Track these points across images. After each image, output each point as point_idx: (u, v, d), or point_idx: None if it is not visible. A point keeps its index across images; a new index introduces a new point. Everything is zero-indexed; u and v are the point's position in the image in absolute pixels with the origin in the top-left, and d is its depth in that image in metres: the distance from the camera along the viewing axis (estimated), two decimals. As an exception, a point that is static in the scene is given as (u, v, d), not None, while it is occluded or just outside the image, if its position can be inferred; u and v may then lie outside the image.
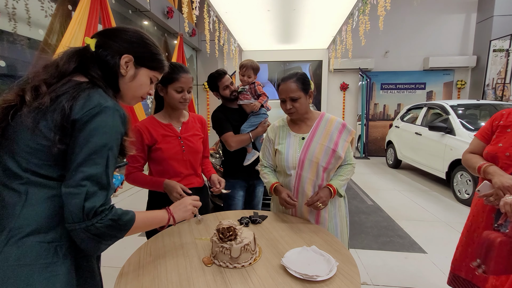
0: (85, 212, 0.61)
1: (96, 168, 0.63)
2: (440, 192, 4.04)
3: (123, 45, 0.77)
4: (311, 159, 1.25)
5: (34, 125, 0.64)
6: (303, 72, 1.31)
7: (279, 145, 1.34)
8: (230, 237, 0.89)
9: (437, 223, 2.98)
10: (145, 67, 0.81)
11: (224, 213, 1.33)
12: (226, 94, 1.77)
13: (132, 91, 0.81)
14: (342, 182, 1.27)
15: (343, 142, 1.29)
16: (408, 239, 2.61)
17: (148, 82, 0.83)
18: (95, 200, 0.62)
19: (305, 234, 1.10)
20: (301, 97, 1.24)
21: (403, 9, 6.68)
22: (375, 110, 7.31)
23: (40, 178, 0.65)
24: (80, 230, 0.61)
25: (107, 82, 0.75)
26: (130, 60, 0.77)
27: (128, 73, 0.78)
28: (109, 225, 0.64)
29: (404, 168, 5.65)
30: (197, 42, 6.92)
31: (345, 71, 7.32)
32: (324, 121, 1.32)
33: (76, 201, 0.61)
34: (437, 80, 7.06)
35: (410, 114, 5.39)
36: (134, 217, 0.71)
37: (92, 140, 0.64)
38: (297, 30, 5.82)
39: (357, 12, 4.32)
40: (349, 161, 1.34)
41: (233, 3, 4.47)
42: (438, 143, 4.07)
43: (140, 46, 0.79)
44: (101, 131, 0.65)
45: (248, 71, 1.80)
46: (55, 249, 0.65)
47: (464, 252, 1.37)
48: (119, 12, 4.13)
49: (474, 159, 1.31)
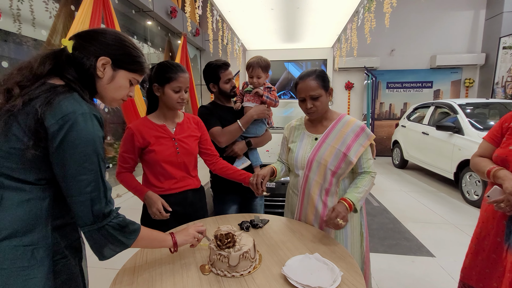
0: (95, 215, 0.67)
1: (92, 175, 0.67)
2: (448, 193, 3.95)
3: (100, 47, 0.75)
4: (320, 161, 1.19)
5: (7, 129, 0.63)
6: (322, 69, 1.23)
7: (292, 143, 1.31)
8: (228, 244, 0.85)
9: (445, 226, 2.90)
10: (124, 69, 0.79)
11: (224, 217, 1.30)
12: (227, 88, 1.57)
13: (110, 93, 0.79)
14: (359, 195, 1.13)
15: (358, 146, 1.18)
16: (415, 242, 2.54)
17: (127, 84, 0.81)
18: (101, 203, 0.68)
19: (308, 240, 1.05)
20: (322, 95, 1.17)
21: (409, 7, 6.56)
22: (381, 109, 7.21)
23: (14, 182, 0.64)
24: (94, 231, 0.68)
25: (84, 85, 0.73)
26: (108, 62, 0.75)
27: (105, 75, 0.76)
28: (119, 229, 0.71)
29: (411, 168, 5.55)
30: (201, 42, 6.90)
31: (350, 70, 7.23)
32: (341, 123, 1.23)
33: (84, 207, 0.66)
34: (445, 78, 6.92)
35: (417, 113, 5.28)
36: (139, 228, 0.77)
37: (78, 150, 0.65)
38: (301, 28, 5.75)
39: (363, 9, 4.24)
40: (367, 169, 1.20)
41: (236, 2, 4.43)
42: (446, 143, 3.98)
43: (118, 48, 0.77)
44: (84, 139, 0.65)
45: (256, 71, 1.54)
46: (32, 252, 0.65)
47: (473, 260, 1.31)
48: (122, 12, 4.12)
49: (483, 162, 1.24)
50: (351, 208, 1.09)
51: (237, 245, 0.85)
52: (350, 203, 1.09)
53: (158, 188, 1.25)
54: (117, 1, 3.87)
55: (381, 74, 7.02)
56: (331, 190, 1.20)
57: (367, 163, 1.21)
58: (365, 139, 1.19)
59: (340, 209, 1.06)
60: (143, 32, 4.89)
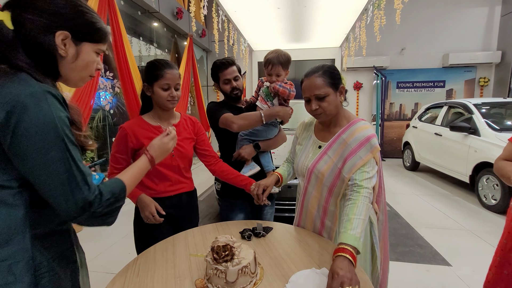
0: (80, 206, 0.59)
1: (62, 164, 0.57)
2: (463, 197, 3.77)
3: (52, 18, 0.61)
4: (317, 175, 1.06)
5: None
6: (331, 64, 1.06)
7: (298, 145, 1.20)
8: (226, 257, 0.77)
9: (462, 232, 2.75)
10: (87, 41, 0.66)
11: (225, 224, 1.22)
12: (226, 89, 1.44)
13: (78, 72, 0.67)
14: (356, 232, 0.85)
15: (356, 159, 0.97)
16: (429, 249, 2.40)
17: (94, 58, 0.70)
18: (83, 192, 0.59)
19: (314, 251, 0.96)
20: (329, 94, 1.00)
21: (419, 3, 6.37)
22: (391, 109, 7.02)
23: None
24: (85, 219, 0.61)
25: (43, 66, 0.61)
26: (67, 36, 0.63)
27: (69, 53, 0.64)
28: (109, 204, 0.64)
29: (423, 170, 5.36)
30: (207, 43, 6.87)
31: (358, 69, 7.07)
32: (348, 131, 1.03)
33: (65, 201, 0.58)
34: (458, 77, 6.68)
35: (429, 113, 5.10)
36: (124, 184, 0.71)
37: (37, 139, 0.55)
38: (309, 28, 5.64)
39: (372, 7, 4.11)
40: (358, 181, 0.95)
41: (242, 2, 4.37)
42: (461, 144, 3.80)
43: (75, 16, 0.63)
44: (41, 125, 0.55)
45: (275, 68, 1.35)
46: (9, 267, 0.57)
47: (498, 275, 1.19)
48: (127, 13, 4.11)
49: (509, 167, 1.13)
50: (354, 258, 0.79)
51: (235, 258, 0.77)
52: (351, 251, 0.79)
53: (152, 191, 1.22)
54: (122, 2, 3.87)
55: (391, 74, 6.84)
56: (329, 209, 1.06)
57: (361, 174, 0.96)
58: (367, 151, 0.98)
59: (343, 271, 0.73)
60: (149, 34, 4.88)
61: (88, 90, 2.71)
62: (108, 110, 3.80)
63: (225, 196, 1.52)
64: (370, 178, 0.97)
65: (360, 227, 0.87)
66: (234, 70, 1.43)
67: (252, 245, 1.01)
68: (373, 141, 0.99)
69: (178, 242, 1.04)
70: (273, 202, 1.57)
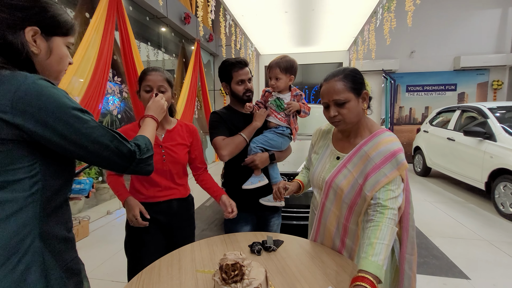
0: (129, 157, 0.69)
1: (98, 129, 0.63)
2: (478, 205, 3.63)
3: (17, 14, 0.58)
4: (336, 190, 0.97)
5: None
6: (354, 68, 0.98)
7: (314, 154, 1.13)
8: (235, 277, 0.71)
9: (479, 242, 2.62)
10: (57, 35, 0.65)
11: (233, 236, 1.17)
12: (239, 91, 1.34)
13: (54, 67, 0.66)
14: (379, 259, 0.77)
15: (380, 176, 0.88)
16: (445, 260, 2.30)
17: (66, 52, 0.69)
18: (126, 146, 0.69)
19: (330, 269, 0.90)
20: (350, 100, 0.92)
21: (429, 6, 6.26)
22: (400, 113, 6.88)
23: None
24: (134, 168, 0.72)
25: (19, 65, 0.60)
26: (37, 32, 0.61)
27: (41, 49, 0.62)
28: (146, 151, 0.75)
29: (434, 176, 5.21)
30: (214, 47, 6.89)
31: (367, 73, 6.97)
32: (371, 143, 0.94)
33: (117, 157, 0.67)
34: (470, 80, 6.52)
35: (440, 117, 4.97)
36: (147, 137, 0.81)
37: (68, 119, 0.59)
38: (316, 31, 5.60)
39: (381, 9, 4.04)
40: (382, 200, 0.86)
41: (250, 6, 4.36)
42: (476, 149, 3.67)
43: (41, 10, 0.61)
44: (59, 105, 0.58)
45: (273, 71, 1.31)
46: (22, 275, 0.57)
47: None
48: (136, 19, 4.15)
49: None
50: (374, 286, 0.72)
51: (245, 278, 0.72)
52: (371, 281, 0.72)
53: (142, 195, 1.23)
54: (131, 8, 3.90)
55: (400, 77, 6.72)
56: (350, 228, 0.97)
57: (386, 193, 0.87)
58: (392, 168, 0.88)
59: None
60: (157, 39, 4.91)
61: (96, 94, 2.72)
62: (116, 115, 3.81)
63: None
64: (395, 198, 0.88)
65: (384, 254, 0.79)
66: (248, 71, 1.36)
67: (262, 261, 0.95)
68: (399, 157, 0.89)
69: (184, 257, 0.99)
70: (279, 214, 1.49)
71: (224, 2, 4.23)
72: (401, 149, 0.92)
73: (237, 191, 1.32)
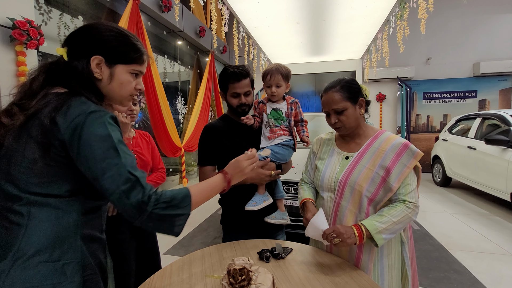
0: (137, 208, 0.63)
1: (117, 168, 0.63)
2: (504, 217, 3.43)
3: (89, 46, 0.69)
4: (353, 186, 1.01)
5: (21, 146, 0.63)
6: (350, 77, 1.08)
7: (319, 160, 1.16)
8: (242, 282, 0.73)
9: (505, 257, 2.47)
10: (120, 63, 0.72)
11: (243, 242, 1.18)
12: (233, 103, 1.25)
13: (116, 92, 0.74)
14: (380, 225, 0.91)
15: (401, 167, 0.97)
16: (467, 275, 2.17)
17: (129, 78, 0.74)
18: (136, 193, 0.63)
19: (338, 278, 0.89)
20: (348, 108, 1.02)
21: (446, 12, 6.16)
22: (417, 121, 6.70)
23: (40, 197, 0.64)
24: (145, 220, 0.64)
25: (88, 89, 0.69)
26: (101, 61, 0.70)
27: (103, 76, 0.71)
28: (167, 207, 0.66)
29: (455, 186, 4.98)
30: (228, 58, 7.07)
31: (381, 80, 6.89)
32: (379, 140, 1.04)
33: (123, 204, 0.63)
34: (491, 87, 6.28)
35: (460, 125, 4.79)
36: (189, 193, 0.72)
37: (95, 147, 0.62)
38: (329, 41, 5.63)
39: (394, 17, 4.02)
40: (403, 195, 0.97)
41: (262, 18, 4.47)
42: (499, 159, 3.50)
43: (107, 42, 0.70)
44: (99, 134, 0.63)
45: (275, 78, 1.22)
46: (62, 268, 0.64)
47: None
48: (154, 33, 4.35)
49: None
50: (361, 237, 0.90)
51: (252, 284, 0.73)
52: (360, 231, 0.91)
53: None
54: (149, 23, 4.10)
55: (417, 85, 6.58)
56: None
57: (405, 188, 0.97)
58: (410, 157, 0.98)
59: (343, 229, 0.90)
60: (173, 51, 5.11)
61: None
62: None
63: (228, 228, 1.32)
64: (414, 191, 0.98)
65: (387, 226, 0.91)
66: (247, 83, 1.23)
67: (270, 268, 0.96)
68: (412, 147, 1.00)
69: (195, 261, 1.01)
70: (283, 231, 1.41)
71: (237, 15, 4.37)
72: (409, 141, 1.03)
73: (238, 211, 1.22)
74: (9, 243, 0.62)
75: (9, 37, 1.98)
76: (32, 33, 2.05)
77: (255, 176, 1.15)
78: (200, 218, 3.59)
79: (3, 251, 0.61)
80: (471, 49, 6.31)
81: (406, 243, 1.04)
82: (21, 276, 0.60)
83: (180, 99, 4.97)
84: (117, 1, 3.54)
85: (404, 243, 1.04)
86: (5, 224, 0.63)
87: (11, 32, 1.97)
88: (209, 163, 1.24)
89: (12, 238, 0.62)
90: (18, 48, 2.04)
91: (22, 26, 1.99)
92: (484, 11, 6.15)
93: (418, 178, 1.03)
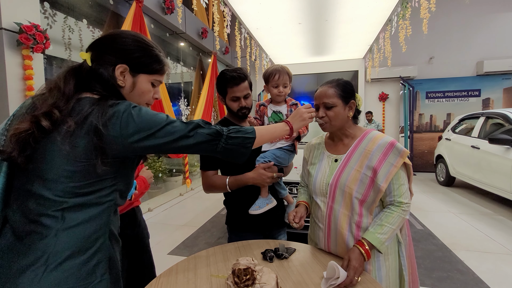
0: (215, 133, 0.75)
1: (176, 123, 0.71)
2: (508, 217, 3.41)
3: (115, 54, 0.72)
4: (343, 189, 1.01)
5: (72, 149, 0.63)
6: (348, 80, 1.09)
7: (311, 165, 1.16)
8: (247, 281, 0.75)
9: (509, 257, 2.46)
10: (143, 73, 0.75)
11: (247, 243, 1.19)
12: (233, 107, 1.25)
13: (135, 100, 0.76)
14: (382, 236, 0.93)
15: (389, 166, 0.97)
16: (471, 275, 2.18)
17: (149, 87, 0.78)
18: (209, 125, 0.75)
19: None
20: (337, 105, 1.02)
21: (448, 11, 6.14)
22: (420, 121, 6.67)
23: (78, 198, 0.64)
24: (222, 145, 0.76)
25: (114, 96, 0.72)
26: (125, 69, 0.73)
27: (126, 83, 0.74)
28: (237, 131, 0.79)
29: (459, 186, 4.97)
30: (230, 59, 7.10)
31: (383, 80, 6.88)
32: (366, 140, 1.04)
33: (201, 136, 0.73)
34: (495, 85, 6.24)
35: (464, 124, 4.77)
36: (253, 128, 0.84)
37: (153, 117, 0.68)
38: (330, 41, 5.64)
39: (396, 17, 4.02)
40: (397, 197, 0.98)
41: (264, 20, 4.49)
42: (503, 158, 3.49)
43: (132, 52, 0.73)
44: (150, 112, 0.69)
45: (282, 77, 1.23)
46: (94, 268, 0.66)
47: None
48: (157, 35, 4.39)
49: None
50: (369, 255, 0.92)
51: (257, 283, 0.75)
52: (366, 249, 0.92)
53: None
54: (152, 25, 4.14)
55: (419, 84, 6.56)
56: (363, 222, 1.00)
57: (399, 190, 0.98)
58: (396, 156, 0.98)
59: (356, 262, 0.89)
60: (176, 53, 5.15)
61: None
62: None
63: (233, 228, 1.34)
64: (407, 191, 1.01)
65: (389, 235, 0.95)
66: (246, 86, 1.23)
67: (274, 268, 0.98)
68: (398, 146, 1.00)
69: (200, 262, 1.03)
70: (285, 231, 1.43)
71: (239, 16, 4.39)
72: (395, 140, 1.03)
73: (242, 212, 1.24)
74: (42, 248, 0.62)
75: (16, 41, 2.03)
76: (38, 37, 2.09)
77: (257, 177, 1.17)
78: (203, 218, 3.62)
79: (35, 256, 0.61)
80: (474, 48, 6.28)
81: (402, 243, 1.05)
82: (54, 280, 0.61)
83: (183, 100, 5.01)
84: (121, 4, 3.58)
85: (401, 243, 1.05)
86: (38, 230, 0.62)
87: (18, 37, 2.01)
88: (211, 167, 1.26)
89: (44, 243, 0.62)
90: (24, 52, 2.08)
91: (29, 31, 2.03)
92: (487, 10, 6.12)
93: (410, 176, 1.03)
